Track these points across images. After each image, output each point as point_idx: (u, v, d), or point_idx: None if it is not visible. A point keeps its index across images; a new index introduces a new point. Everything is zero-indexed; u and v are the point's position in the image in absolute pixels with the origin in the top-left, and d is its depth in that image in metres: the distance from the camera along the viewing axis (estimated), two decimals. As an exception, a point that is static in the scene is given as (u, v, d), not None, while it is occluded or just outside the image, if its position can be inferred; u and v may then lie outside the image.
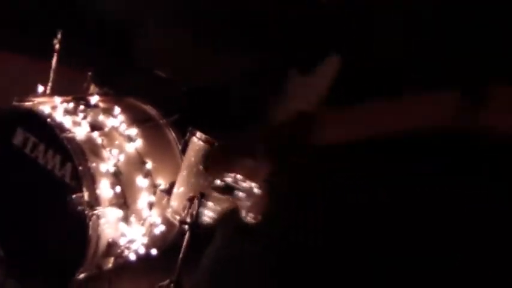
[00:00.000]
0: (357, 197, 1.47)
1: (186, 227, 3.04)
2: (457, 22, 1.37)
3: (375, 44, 1.45)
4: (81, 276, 3.17)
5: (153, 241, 3.32)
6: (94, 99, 3.50)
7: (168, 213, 3.20)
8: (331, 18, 1.55)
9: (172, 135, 3.58)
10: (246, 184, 1.64)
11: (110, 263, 3.22)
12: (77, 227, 3.09)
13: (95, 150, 3.20)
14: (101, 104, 3.50)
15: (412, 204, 1.43)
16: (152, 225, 3.28)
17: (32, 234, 3.31)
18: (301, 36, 1.62)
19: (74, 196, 3.06)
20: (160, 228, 3.30)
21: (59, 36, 3.64)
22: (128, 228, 3.18)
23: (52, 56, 3.64)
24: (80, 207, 3.06)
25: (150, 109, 3.68)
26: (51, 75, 3.62)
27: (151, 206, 3.25)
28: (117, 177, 3.18)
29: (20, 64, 4.44)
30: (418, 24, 1.40)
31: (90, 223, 3.05)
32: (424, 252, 1.41)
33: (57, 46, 3.64)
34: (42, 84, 3.56)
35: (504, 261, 1.40)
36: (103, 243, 3.13)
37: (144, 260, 3.30)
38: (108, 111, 3.45)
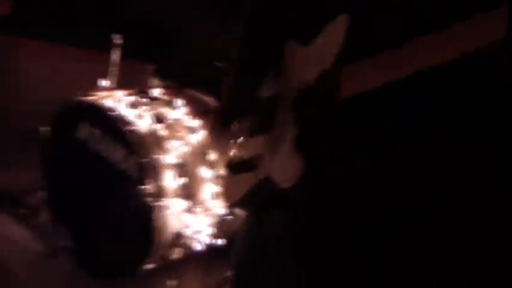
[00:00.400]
0: (335, 168, 1.45)
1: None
2: None
3: None
4: (148, 267, 3.21)
5: (219, 231, 3.33)
6: (156, 92, 3.53)
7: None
8: None
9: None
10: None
11: (176, 253, 3.25)
12: (142, 218, 3.12)
13: (159, 143, 3.23)
14: (163, 97, 3.53)
15: (395, 166, 1.39)
16: (217, 216, 3.29)
17: (99, 226, 3.36)
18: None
19: (141, 189, 3.09)
20: (225, 218, 3.31)
21: (120, 30, 3.68)
22: (193, 219, 3.20)
23: (112, 50, 3.68)
24: (144, 199, 3.09)
25: (211, 100, 3.69)
26: (113, 69, 3.67)
27: (215, 196, 3.26)
28: (181, 168, 3.20)
29: (80, 58, 4.51)
30: None
31: (156, 214, 3.08)
32: (414, 219, 1.37)
33: (118, 40, 3.68)
34: (104, 78, 3.61)
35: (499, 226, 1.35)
36: (168, 234, 3.16)
37: (210, 250, 3.31)
38: (171, 104, 3.47)
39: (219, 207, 3.30)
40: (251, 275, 1.72)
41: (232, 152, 1.80)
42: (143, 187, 3.10)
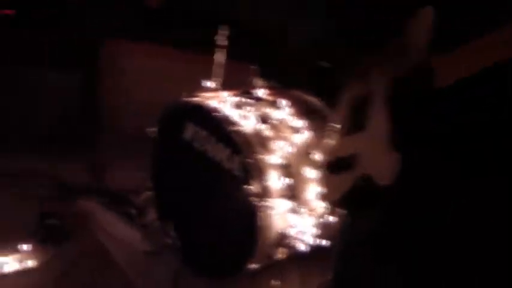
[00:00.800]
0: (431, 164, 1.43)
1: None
2: None
3: None
4: (252, 266, 3.21)
5: (324, 232, 3.30)
6: (260, 92, 3.54)
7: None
8: None
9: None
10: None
11: (281, 253, 3.25)
12: (247, 218, 3.13)
13: (263, 143, 3.24)
14: (268, 97, 3.54)
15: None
16: (322, 216, 3.26)
17: (204, 225, 3.40)
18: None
19: (245, 188, 3.10)
20: (330, 219, 3.28)
21: (224, 31, 3.72)
22: (297, 219, 3.19)
23: (216, 51, 3.72)
24: (249, 199, 3.10)
25: (315, 101, 3.67)
26: (218, 70, 3.71)
27: (320, 197, 3.23)
28: (286, 169, 3.19)
29: (185, 59, 4.58)
30: None
31: (261, 214, 3.09)
32: None
33: (222, 41, 3.72)
34: (209, 79, 3.66)
35: None
36: (273, 233, 3.16)
37: (315, 250, 3.29)
38: (275, 104, 3.47)
39: (323, 208, 3.28)
40: (347, 274, 1.71)
41: (330, 151, 1.80)
42: (248, 187, 3.11)
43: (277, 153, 3.22)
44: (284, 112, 3.43)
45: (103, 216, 3.81)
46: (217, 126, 3.26)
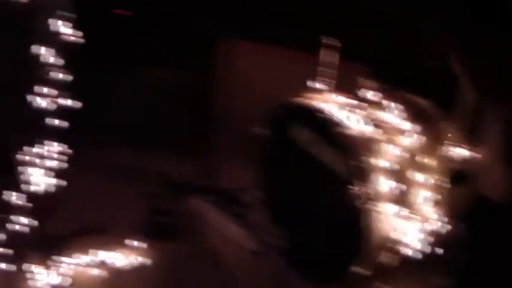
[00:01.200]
0: None
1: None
2: None
3: None
4: (359, 270, 3.19)
5: (432, 237, 3.23)
6: (370, 94, 3.50)
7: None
8: None
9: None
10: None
11: (388, 258, 3.20)
12: (353, 221, 3.11)
13: (371, 145, 3.20)
14: (377, 99, 3.49)
15: None
16: (432, 223, 3.20)
17: (310, 226, 3.40)
18: None
19: (351, 191, 3.08)
20: (439, 225, 3.21)
21: (334, 31, 3.70)
22: (405, 224, 3.14)
23: (324, 51, 3.70)
24: (356, 202, 3.08)
25: (426, 104, 3.60)
26: (326, 70, 3.69)
27: (429, 202, 3.17)
28: (394, 172, 3.15)
29: (294, 59, 4.59)
30: None
31: (367, 217, 3.06)
32: None
33: (330, 42, 3.70)
34: (318, 80, 3.65)
35: None
36: (380, 238, 3.12)
37: (423, 257, 3.23)
38: (385, 107, 3.43)
39: (434, 215, 3.21)
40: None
41: (450, 164, 1.77)
42: (355, 189, 3.09)
43: (386, 156, 3.18)
44: (393, 115, 3.38)
45: (212, 214, 3.88)
46: (326, 128, 3.25)
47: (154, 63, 4.48)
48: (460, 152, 1.87)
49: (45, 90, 2.78)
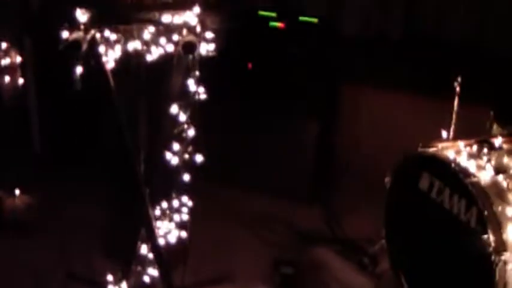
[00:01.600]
0: None
1: None
2: None
3: None
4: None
5: None
6: (497, 140, 3.43)
7: None
8: None
9: None
10: None
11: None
12: (484, 272, 3.03)
13: (501, 194, 3.12)
14: (505, 146, 3.41)
15: None
16: None
17: (437, 277, 3.33)
18: None
19: (479, 240, 3.01)
20: None
21: (459, 79, 3.66)
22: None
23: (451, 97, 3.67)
24: (486, 252, 3.00)
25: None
26: (454, 118, 3.65)
27: None
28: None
29: (421, 106, 4.55)
30: None
31: (497, 269, 2.97)
32: None
33: (458, 88, 3.66)
34: (445, 127, 3.61)
35: None
36: (511, 289, 3.03)
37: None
38: (513, 153, 3.35)
39: None
40: None
41: None
42: (485, 240, 3.01)
43: (517, 205, 3.09)
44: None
45: (337, 264, 3.87)
46: (454, 177, 3.20)
47: (280, 111, 4.53)
48: None
49: (178, 147, 2.89)
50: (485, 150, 3.35)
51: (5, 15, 3.69)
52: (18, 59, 3.53)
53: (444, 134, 3.60)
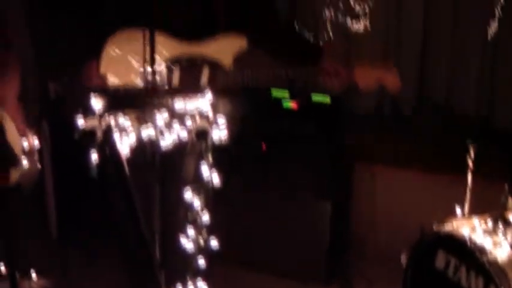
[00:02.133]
0: None
1: None
2: None
3: None
4: None
5: None
6: (512, 216, 3.42)
7: None
8: None
9: None
10: None
11: None
12: None
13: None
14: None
15: None
16: None
17: None
18: None
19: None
20: None
21: (472, 153, 3.67)
22: None
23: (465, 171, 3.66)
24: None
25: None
26: (468, 193, 3.65)
27: None
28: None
29: (434, 183, 4.54)
30: None
31: None
32: None
33: (470, 162, 3.67)
34: (459, 202, 3.60)
35: None
36: None
37: None
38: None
39: None
40: None
41: None
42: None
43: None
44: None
45: None
46: (470, 255, 3.19)
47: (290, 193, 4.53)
48: None
49: (193, 231, 2.90)
50: (501, 226, 3.34)
51: (26, 100, 3.77)
52: (36, 143, 3.56)
53: (458, 209, 3.59)
